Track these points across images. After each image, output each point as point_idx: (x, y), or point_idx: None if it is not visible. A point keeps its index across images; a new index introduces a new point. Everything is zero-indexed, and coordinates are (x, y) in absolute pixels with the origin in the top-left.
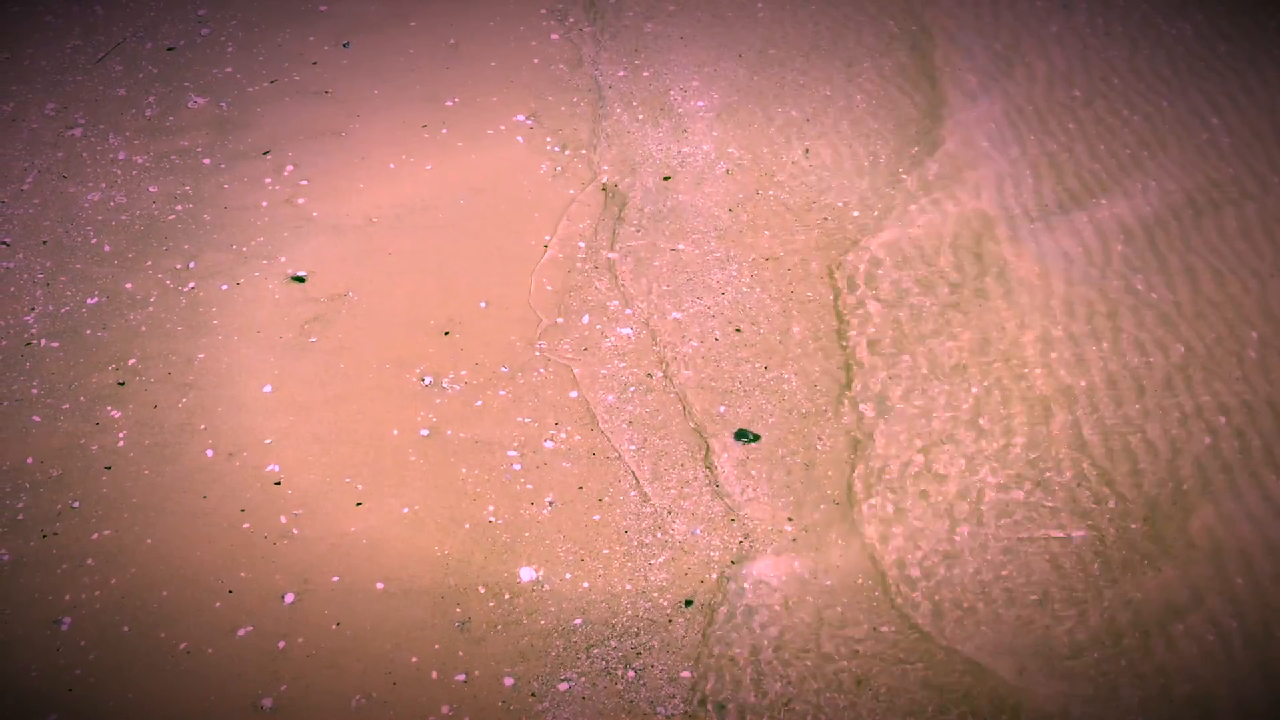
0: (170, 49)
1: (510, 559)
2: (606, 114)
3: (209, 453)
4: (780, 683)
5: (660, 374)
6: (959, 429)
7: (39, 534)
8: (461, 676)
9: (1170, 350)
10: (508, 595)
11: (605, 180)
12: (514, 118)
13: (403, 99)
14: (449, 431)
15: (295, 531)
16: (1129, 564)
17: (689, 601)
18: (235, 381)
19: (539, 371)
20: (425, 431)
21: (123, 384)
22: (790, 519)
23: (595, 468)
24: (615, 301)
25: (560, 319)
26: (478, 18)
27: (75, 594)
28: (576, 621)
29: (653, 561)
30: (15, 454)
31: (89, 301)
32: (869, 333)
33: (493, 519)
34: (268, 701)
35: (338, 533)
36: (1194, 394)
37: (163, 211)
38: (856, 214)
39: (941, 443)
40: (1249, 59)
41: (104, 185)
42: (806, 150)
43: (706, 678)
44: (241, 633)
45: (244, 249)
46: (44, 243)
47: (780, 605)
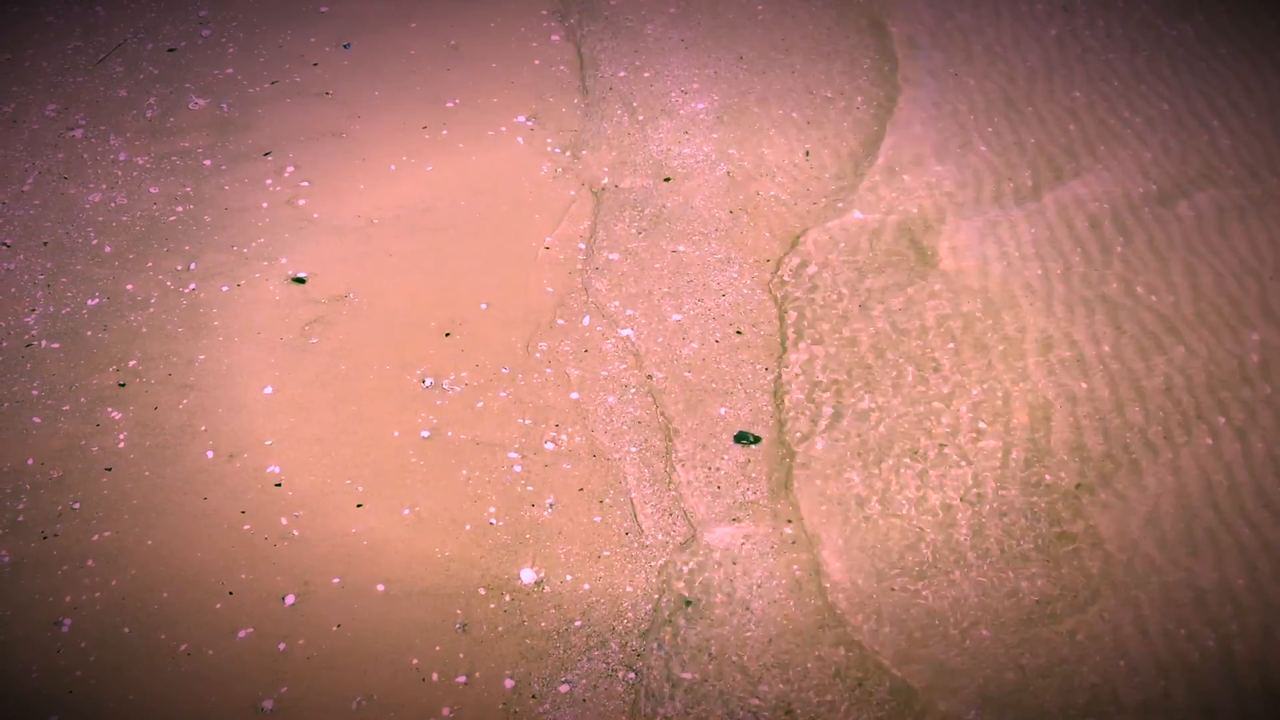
0: (171, 50)
1: (511, 561)
2: (607, 115)
3: (209, 454)
4: (781, 684)
5: (661, 376)
6: (959, 429)
7: (39, 535)
8: (462, 678)
9: (1171, 352)
10: (508, 597)
11: (606, 181)
12: (515, 119)
13: (403, 100)
14: (450, 433)
15: (296, 533)
16: (1129, 564)
17: (689, 602)
18: (236, 383)
19: (540, 373)
20: (426, 433)
21: (123, 385)
22: (790, 521)
23: (596, 469)
24: (616, 303)
25: (561, 320)
26: (478, 19)
27: (76, 595)
28: (577, 623)
29: (653, 563)
30: (16, 455)
31: (90, 303)
32: (870, 333)
33: (493, 520)
34: (268, 703)
35: (338, 534)
36: (1194, 395)
37: (163, 212)
38: (858, 215)
39: (942, 443)
40: (1249, 60)
41: (105, 186)
42: (807, 152)
43: (706, 679)
44: (242, 634)
45: (245, 250)
46: (45, 244)
47: (780, 606)
